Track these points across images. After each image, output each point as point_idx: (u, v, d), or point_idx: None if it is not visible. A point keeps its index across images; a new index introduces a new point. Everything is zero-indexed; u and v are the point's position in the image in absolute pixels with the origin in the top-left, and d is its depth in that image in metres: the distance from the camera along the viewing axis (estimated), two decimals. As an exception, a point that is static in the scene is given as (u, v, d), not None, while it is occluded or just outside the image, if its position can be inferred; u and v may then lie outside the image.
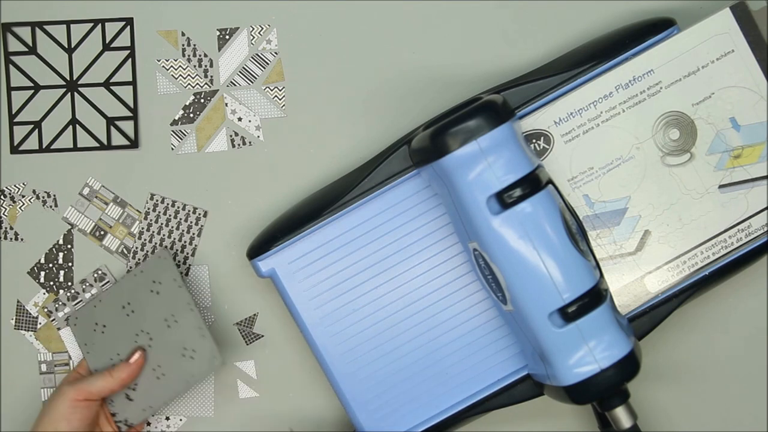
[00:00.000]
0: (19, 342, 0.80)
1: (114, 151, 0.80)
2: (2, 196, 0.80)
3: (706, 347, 0.79)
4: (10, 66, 0.80)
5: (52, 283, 0.80)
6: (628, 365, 0.68)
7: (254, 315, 0.80)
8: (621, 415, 0.70)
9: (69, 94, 0.80)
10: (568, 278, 0.66)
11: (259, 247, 0.74)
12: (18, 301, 0.80)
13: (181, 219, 0.80)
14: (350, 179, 0.74)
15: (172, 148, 0.80)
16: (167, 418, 0.80)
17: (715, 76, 0.73)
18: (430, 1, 0.79)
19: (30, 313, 0.80)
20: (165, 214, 0.80)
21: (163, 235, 0.79)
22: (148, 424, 0.80)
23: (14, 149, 0.80)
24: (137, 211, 0.80)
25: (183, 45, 0.80)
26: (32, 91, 0.80)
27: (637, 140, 0.73)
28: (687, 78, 0.72)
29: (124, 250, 0.80)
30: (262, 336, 0.80)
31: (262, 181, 0.80)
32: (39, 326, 0.80)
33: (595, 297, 0.67)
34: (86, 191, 0.80)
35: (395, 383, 0.74)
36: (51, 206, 0.80)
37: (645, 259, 0.73)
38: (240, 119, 0.80)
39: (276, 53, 0.80)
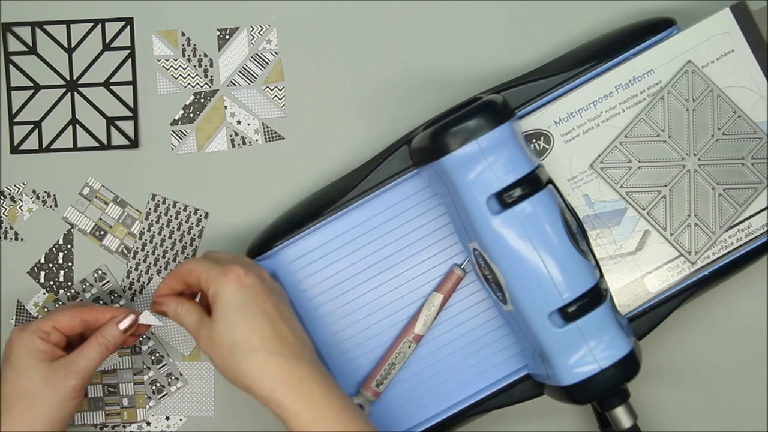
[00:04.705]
0: (19, 342, 0.80)
1: (114, 151, 0.80)
2: (2, 196, 0.80)
3: (706, 347, 0.79)
4: (10, 66, 0.80)
5: (52, 283, 0.80)
6: (628, 365, 0.68)
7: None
8: (621, 415, 0.70)
9: (69, 94, 0.80)
10: (568, 278, 0.66)
11: (259, 247, 0.74)
12: (18, 301, 0.80)
13: (182, 220, 0.80)
14: (350, 179, 0.74)
15: (172, 148, 0.80)
16: (167, 418, 0.80)
17: (715, 76, 0.73)
18: (430, 1, 0.79)
19: (30, 313, 0.80)
20: (166, 215, 0.80)
21: (164, 236, 0.79)
22: (148, 423, 0.80)
23: (14, 149, 0.80)
24: (137, 211, 0.80)
25: (183, 45, 0.80)
26: (32, 91, 0.80)
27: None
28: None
29: (124, 250, 0.80)
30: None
31: (262, 181, 0.79)
32: (39, 326, 0.80)
33: (595, 297, 0.67)
34: (86, 191, 0.80)
35: (395, 383, 0.74)
36: (51, 206, 0.80)
37: (645, 259, 0.73)
38: (239, 122, 0.80)
39: (276, 53, 0.80)
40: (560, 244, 0.67)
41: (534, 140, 0.73)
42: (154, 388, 0.80)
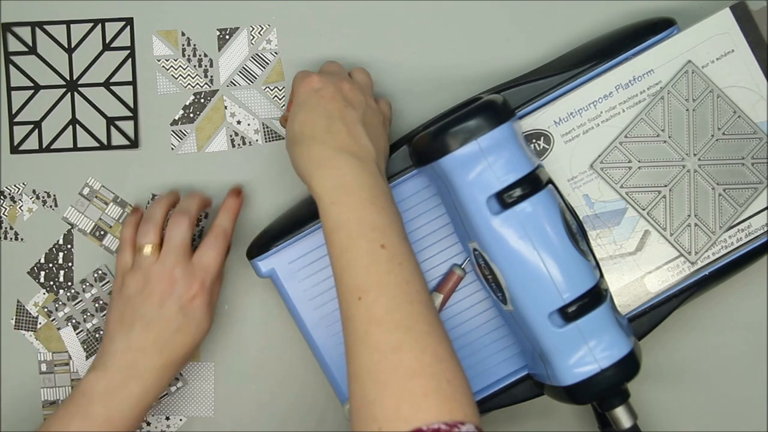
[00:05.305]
0: (19, 342, 0.80)
1: (114, 151, 0.80)
2: (2, 196, 0.80)
3: (706, 347, 0.79)
4: (10, 66, 0.80)
5: (52, 283, 0.80)
6: (628, 365, 0.68)
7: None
8: (621, 415, 0.70)
9: (69, 94, 0.80)
10: (568, 278, 0.66)
11: (259, 247, 0.74)
12: (18, 301, 0.80)
13: (181, 219, 0.79)
14: (350, 179, 0.74)
15: (172, 148, 0.80)
16: (167, 418, 0.80)
17: (715, 76, 0.73)
18: (430, 1, 0.79)
19: (30, 313, 0.80)
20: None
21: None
22: (148, 423, 0.80)
23: (14, 149, 0.80)
24: (137, 211, 0.80)
25: (183, 45, 0.80)
26: (32, 91, 0.80)
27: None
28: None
29: (124, 250, 0.80)
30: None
31: (262, 181, 0.79)
32: (39, 326, 0.80)
33: (595, 297, 0.67)
34: (86, 191, 0.80)
35: (395, 383, 0.74)
36: (51, 206, 0.80)
37: (645, 259, 0.73)
38: (239, 122, 0.80)
39: (276, 53, 0.80)
40: (560, 244, 0.67)
41: (534, 140, 0.73)
42: (154, 388, 0.80)
